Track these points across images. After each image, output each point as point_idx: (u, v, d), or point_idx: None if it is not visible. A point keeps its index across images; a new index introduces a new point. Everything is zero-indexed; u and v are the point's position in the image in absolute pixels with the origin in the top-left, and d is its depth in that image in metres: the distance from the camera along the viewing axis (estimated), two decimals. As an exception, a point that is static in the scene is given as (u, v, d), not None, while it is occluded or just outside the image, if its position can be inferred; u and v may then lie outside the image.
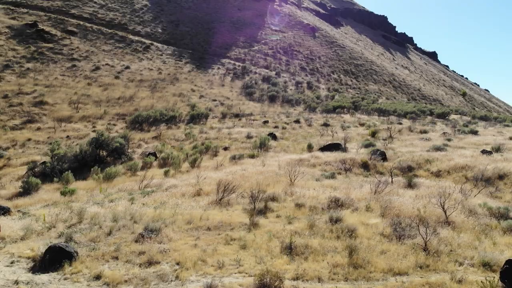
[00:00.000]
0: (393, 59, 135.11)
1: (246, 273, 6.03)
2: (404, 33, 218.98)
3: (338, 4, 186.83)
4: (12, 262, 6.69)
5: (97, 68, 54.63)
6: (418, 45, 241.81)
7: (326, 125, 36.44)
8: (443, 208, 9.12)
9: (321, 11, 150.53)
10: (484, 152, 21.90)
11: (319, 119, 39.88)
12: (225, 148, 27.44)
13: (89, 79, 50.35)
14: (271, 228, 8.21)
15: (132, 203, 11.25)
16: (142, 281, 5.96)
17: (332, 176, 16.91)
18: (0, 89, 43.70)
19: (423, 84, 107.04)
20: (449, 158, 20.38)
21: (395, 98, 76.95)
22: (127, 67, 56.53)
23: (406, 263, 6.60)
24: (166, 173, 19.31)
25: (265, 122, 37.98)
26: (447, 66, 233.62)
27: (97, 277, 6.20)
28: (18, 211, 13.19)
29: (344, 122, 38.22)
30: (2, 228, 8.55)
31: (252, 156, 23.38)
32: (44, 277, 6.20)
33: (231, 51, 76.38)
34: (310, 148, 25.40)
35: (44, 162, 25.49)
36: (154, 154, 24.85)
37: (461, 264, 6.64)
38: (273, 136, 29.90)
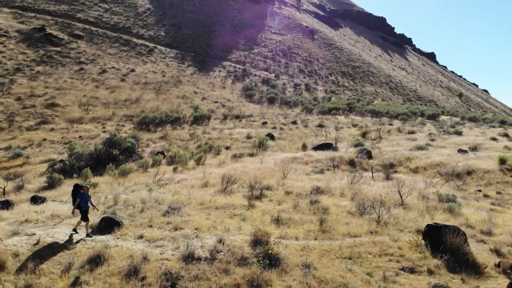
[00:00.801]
0: (391, 60, 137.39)
1: (245, 234, 8.34)
2: (403, 34, 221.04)
3: (337, 5, 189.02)
4: (65, 231, 9.04)
5: (104, 71, 57.05)
6: (417, 46, 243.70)
7: (321, 126, 38.81)
8: (400, 194, 11.52)
9: (320, 13, 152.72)
10: (460, 151, 24.28)
11: (315, 120, 42.25)
12: (227, 148, 29.84)
13: (97, 81, 52.78)
14: (264, 208, 10.57)
15: (151, 192, 13.62)
16: (172, 239, 8.30)
17: (321, 172, 19.30)
18: (13, 91, 46.16)
19: (420, 85, 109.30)
20: (427, 157, 22.77)
21: (390, 99, 79.31)
22: (132, 70, 58.95)
23: (361, 230, 8.91)
24: (175, 170, 21.71)
25: (264, 123, 40.37)
26: (445, 67, 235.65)
27: (140, 237, 8.55)
28: (53, 200, 15.61)
29: (338, 123, 40.59)
30: (54, 210, 10.93)
31: (251, 155, 25.75)
32: (102, 237, 8.54)
33: (232, 53, 78.76)
34: (304, 147, 27.80)
35: (61, 160, 27.98)
36: (162, 153, 27.25)
37: (401, 231, 8.94)
38: (271, 137, 32.29)
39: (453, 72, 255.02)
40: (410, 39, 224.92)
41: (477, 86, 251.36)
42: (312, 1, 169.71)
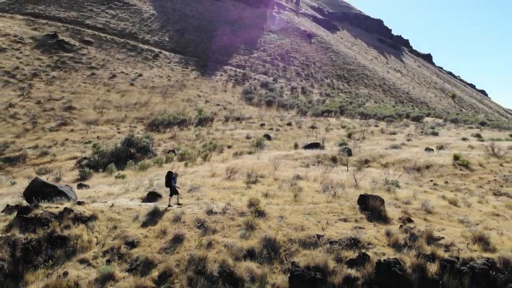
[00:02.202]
0: (387, 62, 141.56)
1: (244, 202, 12.48)
2: (400, 35, 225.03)
3: (336, 8, 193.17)
4: (131, 200, 13.17)
5: (114, 76, 61.31)
6: (416, 47, 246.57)
7: (313, 127, 43.08)
8: (355, 179, 15.72)
9: (318, 16, 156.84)
10: (427, 149, 28.53)
11: (308, 122, 46.52)
12: (229, 147, 34.13)
13: (108, 86, 57.05)
14: (258, 188, 14.73)
15: (172, 180, 17.85)
16: (197, 204, 12.44)
17: (307, 166, 23.58)
18: (33, 95, 50.41)
19: (413, 87, 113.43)
20: (397, 154, 27.05)
21: (383, 101, 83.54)
22: (140, 75, 63.22)
23: (321, 200, 13.05)
24: (186, 165, 25.99)
25: (262, 124, 44.65)
26: (442, 68, 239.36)
27: (177, 204, 12.73)
28: (93, 187, 19.87)
29: (329, 124, 44.87)
30: (108, 190, 15.15)
31: (250, 153, 30.02)
32: (150, 204, 12.68)
33: (233, 58, 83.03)
34: (296, 146, 32.10)
35: (85, 158, 32.31)
36: (173, 151, 31.55)
37: (347, 201, 13.07)
38: (267, 137, 36.59)
39: (451, 73, 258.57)
40: (407, 40, 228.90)
41: (474, 86, 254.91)
42: (310, 5, 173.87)
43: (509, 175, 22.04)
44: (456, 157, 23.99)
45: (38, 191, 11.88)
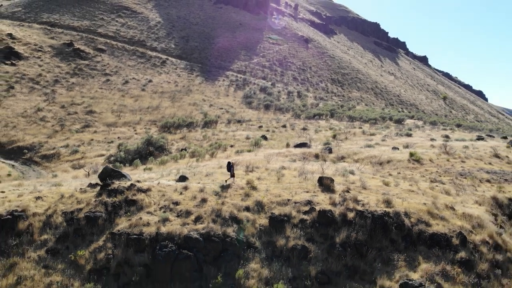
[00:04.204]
0: (381, 65, 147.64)
1: (243, 182, 18.87)
2: (397, 38, 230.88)
3: (334, 12, 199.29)
4: (168, 181, 19.38)
5: (126, 82, 67.68)
6: (411, 50, 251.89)
7: (304, 129, 49.39)
8: (322, 169, 21.95)
9: (316, 20, 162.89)
10: (394, 148, 34.79)
11: (301, 124, 52.83)
12: (231, 146, 40.44)
13: (122, 91, 63.43)
14: (253, 175, 20.92)
15: (191, 169, 24.10)
16: (212, 182, 18.73)
17: (294, 161, 29.88)
18: (57, 100, 56.83)
19: (404, 90, 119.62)
20: (368, 152, 33.29)
21: (373, 104, 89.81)
22: (150, 81, 69.60)
23: (295, 181, 19.23)
24: (197, 160, 32.34)
25: (260, 126, 50.97)
26: (437, 70, 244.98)
27: (198, 182, 18.94)
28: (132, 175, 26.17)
29: (318, 127, 51.17)
30: (145, 176, 21.42)
31: (249, 151, 36.32)
32: (182, 183, 18.86)
33: (234, 63, 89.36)
34: (287, 146, 38.41)
35: (111, 155, 38.65)
36: (185, 149, 37.89)
37: (312, 181, 19.35)
38: (264, 138, 42.90)
39: (448, 75, 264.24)
40: (404, 43, 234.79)
41: (471, 87, 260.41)
42: (309, 9, 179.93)
43: (450, 168, 28.36)
44: (411, 154, 30.24)
45: (109, 174, 18.06)
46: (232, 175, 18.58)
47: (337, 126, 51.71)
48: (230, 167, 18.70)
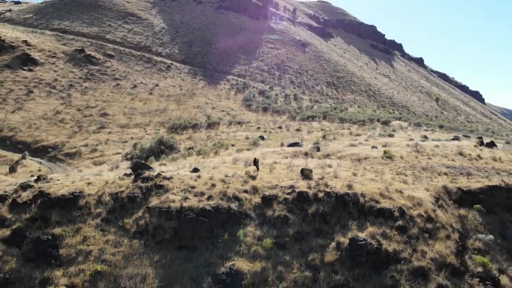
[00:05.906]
0: (376, 68, 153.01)
1: (243, 173, 24.22)
2: (393, 40, 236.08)
3: (331, 15, 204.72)
4: (184, 172, 24.83)
5: (135, 86, 73.11)
6: (408, 52, 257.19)
7: (298, 130, 54.82)
8: (306, 163, 27.40)
9: (314, 24, 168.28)
10: (372, 147, 40.19)
11: (295, 125, 58.26)
12: (232, 145, 45.86)
13: (131, 95, 68.85)
14: (251, 168, 26.40)
15: (200, 164, 29.51)
16: (218, 173, 24.14)
17: (285, 158, 35.32)
18: (73, 103, 62.24)
19: (398, 92, 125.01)
20: (350, 150, 38.71)
21: (366, 106, 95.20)
22: (157, 85, 75.03)
23: (284, 172, 24.69)
24: (203, 157, 37.80)
25: (258, 127, 56.37)
26: (433, 71, 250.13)
27: (208, 172, 24.36)
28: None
29: (311, 128, 56.60)
30: (163, 169, 26.85)
31: (248, 149, 41.71)
32: (195, 173, 24.24)
33: (234, 68, 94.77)
34: (282, 145, 43.83)
35: (127, 153, 44.05)
36: (192, 148, 43.32)
37: (296, 172, 24.75)
38: (262, 138, 48.33)
39: (445, 75, 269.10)
40: (400, 45, 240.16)
41: (467, 88, 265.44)
42: (307, 12, 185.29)
43: (416, 164, 33.74)
44: (385, 152, 35.68)
45: (139, 166, 23.45)
46: (257, 168, 24.17)
47: (328, 127, 57.12)
48: (256, 162, 24.40)
